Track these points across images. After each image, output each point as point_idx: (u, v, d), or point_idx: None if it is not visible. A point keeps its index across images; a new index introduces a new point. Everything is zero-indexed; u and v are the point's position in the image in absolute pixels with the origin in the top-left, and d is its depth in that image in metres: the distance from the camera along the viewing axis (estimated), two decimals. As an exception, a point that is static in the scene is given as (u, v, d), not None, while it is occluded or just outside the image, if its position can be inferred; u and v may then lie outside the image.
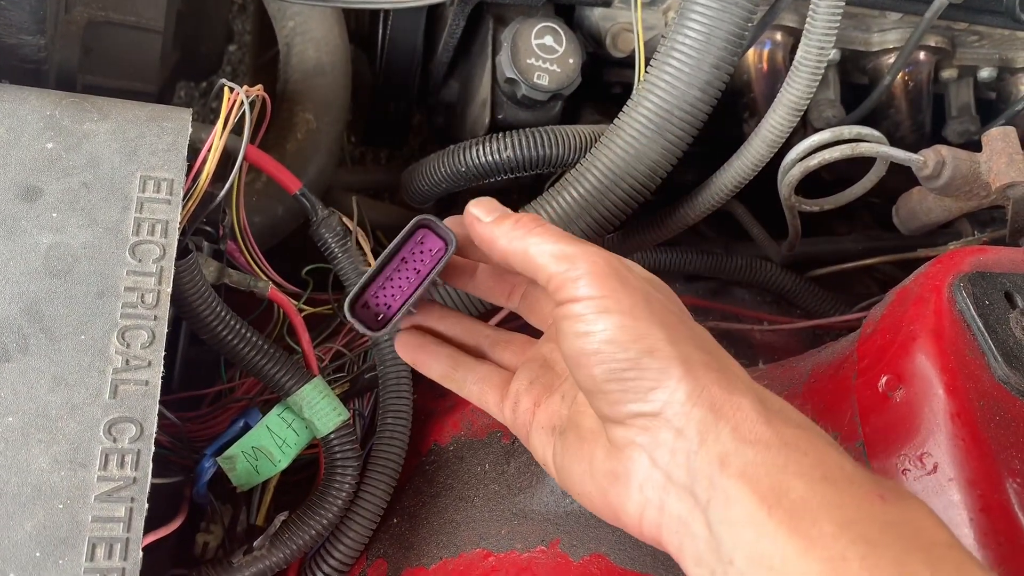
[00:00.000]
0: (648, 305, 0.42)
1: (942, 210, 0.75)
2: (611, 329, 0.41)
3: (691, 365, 0.41)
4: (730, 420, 0.39)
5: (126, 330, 0.47)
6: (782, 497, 0.37)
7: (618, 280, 0.43)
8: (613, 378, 0.41)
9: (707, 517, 0.39)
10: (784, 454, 0.38)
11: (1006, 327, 0.54)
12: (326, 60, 0.76)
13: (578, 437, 0.46)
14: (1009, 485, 0.48)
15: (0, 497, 0.42)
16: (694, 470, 0.39)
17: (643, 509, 0.41)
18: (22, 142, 0.50)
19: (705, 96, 0.67)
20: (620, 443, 0.42)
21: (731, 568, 0.37)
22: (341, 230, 0.65)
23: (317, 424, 0.59)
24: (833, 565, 0.35)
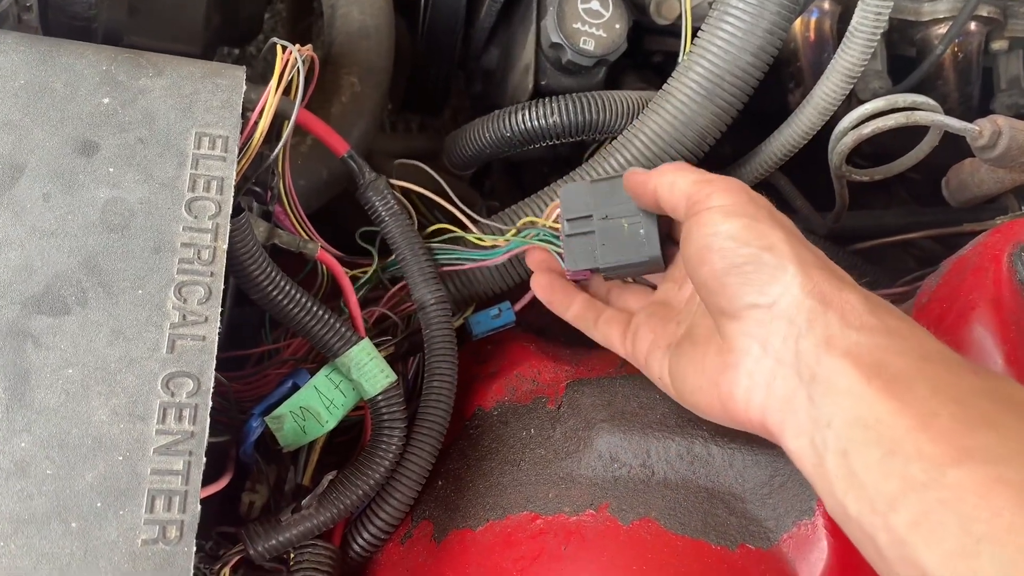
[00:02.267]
0: (771, 214, 0.47)
1: (994, 182, 0.73)
2: (735, 228, 0.46)
3: (805, 263, 0.45)
4: (837, 309, 0.43)
5: (183, 285, 0.47)
6: (882, 371, 0.40)
7: (746, 194, 0.48)
8: (733, 271, 0.45)
9: (809, 391, 0.42)
10: (887, 337, 0.42)
11: (1067, 298, 0.53)
12: (371, 23, 0.75)
13: (692, 344, 0.50)
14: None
15: (62, 447, 0.43)
16: (801, 352, 0.43)
17: (750, 394, 0.45)
18: (79, 96, 0.50)
19: (757, 61, 0.66)
20: (733, 335, 0.46)
21: (828, 431, 0.41)
22: (388, 194, 0.64)
23: (365, 386, 0.59)
24: (923, 420, 0.38)
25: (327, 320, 0.58)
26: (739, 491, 0.52)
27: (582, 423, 0.58)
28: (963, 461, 0.36)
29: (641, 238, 0.57)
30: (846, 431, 0.40)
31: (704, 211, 0.48)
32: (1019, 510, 0.34)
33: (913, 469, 0.37)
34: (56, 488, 0.42)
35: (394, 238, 0.65)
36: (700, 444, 0.54)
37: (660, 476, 0.54)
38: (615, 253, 0.58)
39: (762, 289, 0.45)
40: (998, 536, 0.34)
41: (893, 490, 0.38)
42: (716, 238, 0.46)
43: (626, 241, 0.58)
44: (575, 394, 0.61)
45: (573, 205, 0.60)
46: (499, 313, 0.69)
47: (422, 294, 0.64)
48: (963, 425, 0.37)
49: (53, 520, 0.41)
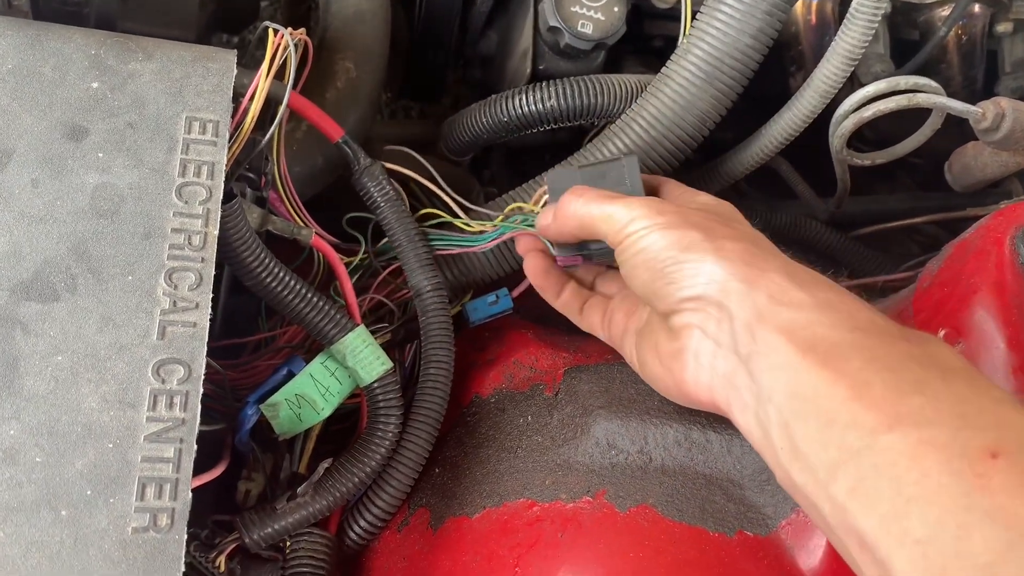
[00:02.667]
0: (683, 217, 0.50)
1: (998, 165, 0.72)
2: (653, 243, 0.49)
3: (724, 252, 0.47)
4: (763, 289, 0.45)
5: (173, 271, 0.47)
6: (816, 344, 0.42)
7: (655, 210, 0.51)
8: (659, 276, 0.49)
9: (748, 368, 0.44)
10: (818, 311, 0.43)
11: (1070, 281, 0.52)
12: (367, 7, 0.74)
13: (649, 331, 0.53)
14: (1072, 442, 0.47)
15: (52, 435, 0.42)
16: (736, 332, 0.45)
17: (698, 375, 0.48)
18: (67, 81, 0.49)
19: (757, 44, 0.65)
20: (676, 327, 0.49)
21: (770, 405, 0.42)
22: (384, 180, 0.64)
23: (360, 373, 0.59)
24: (858, 390, 0.39)
25: (322, 307, 0.58)
26: (737, 478, 0.52)
27: (579, 410, 0.58)
28: (894, 426, 0.37)
29: None
30: (786, 404, 0.41)
31: (623, 240, 0.51)
32: (946, 470, 0.36)
33: (849, 438, 0.38)
34: (46, 476, 0.42)
35: (390, 224, 0.64)
36: (698, 431, 0.54)
37: (658, 463, 0.53)
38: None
39: (687, 284, 0.48)
40: (927, 496, 0.36)
41: (832, 459, 0.39)
42: (638, 256, 0.50)
43: None
44: (573, 380, 0.61)
45: (561, 191, 0.59)
46: (496, 300, 0.69)
47: (418, 280, 0.63)
48: (895, 392, 0.39)
49: (43, 508, 0.41)
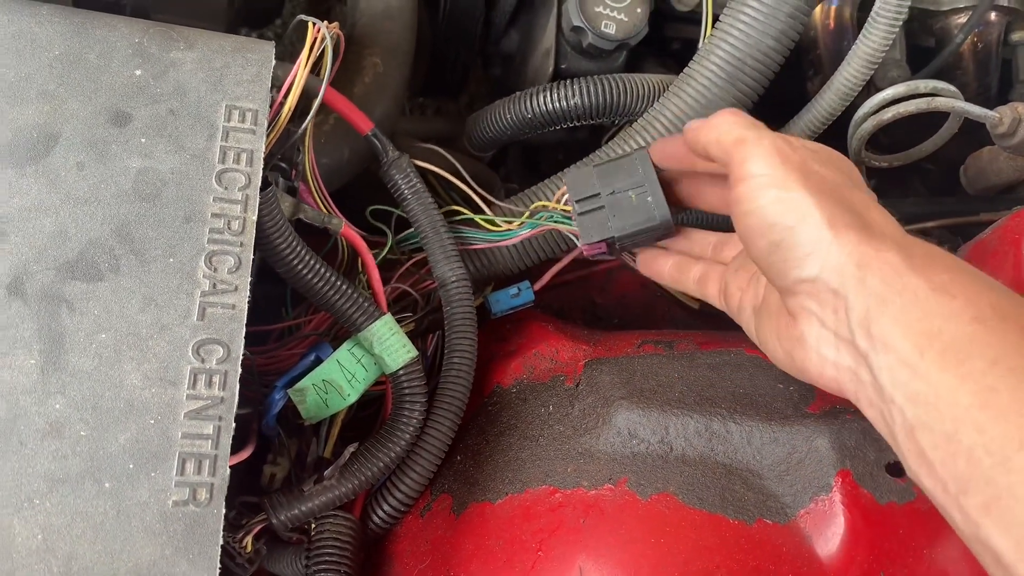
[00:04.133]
0: (804, 177, 0.46)
1: (1013, 170, 0.74)
2: (767, 205, 0.46)
3: (839, 228, 0.44)
4: (877, 272, 0.42)
5: (213, 255, 0.48)
6: (933, 340, 0.40)
7: (778, 156, 0.47)
8: (773, 250, 0.46)
9: (869, 364, 0.42)
10: (934, 299, 0.41)
11: (1086, 282, 0.53)
12: (395, 4, 0.75)
13: (768, 314, 0.51)
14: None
15: (95, 410, 0.43)
16: (853, 325, 0.43)
17: (822, 367, 0.46)
18: (112, 68, 0.50)
19: (779, 46, 0.66)
20: (794, 310, 0.47)
21: (893, 407, 0.41)
22: (411, 172, 0.65)
23: (387, 360, 0.60)
24: (983, 397, 0.38)
25: (351, 295, 0.59)
26: (757, 468, 0.53)
27: (600, 400, 0.59)
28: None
29: (650, 204, 0.58)
30: (909, 407, 0.40)
31: (739, 183, 0.48)
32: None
33: (978, 452, 0.37)
34: (90, 449, 0.43)
35: (416, 216, 0.65)
36: (718, 422, 0.55)
37: (678, 452, 0.55)
38: (627, 220, 0.59)
39: (802, 264, 0.45)
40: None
41: (961, 472, 0.38)
42: (752, 218, 0.47)
43: (636, 208, 0.59)
44: (593, 372, 0.62)
45: (580, 188, 0.61)
46: (518, 292, 0.70)
47: (443, 272, 0.65)
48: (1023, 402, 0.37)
49: (87, 480, 0.42)
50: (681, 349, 0.64)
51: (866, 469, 0.50)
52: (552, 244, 0.69)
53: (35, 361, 0.43)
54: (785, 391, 0.56)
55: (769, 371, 0.57)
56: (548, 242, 0.69)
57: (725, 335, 0.67)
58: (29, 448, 0.42)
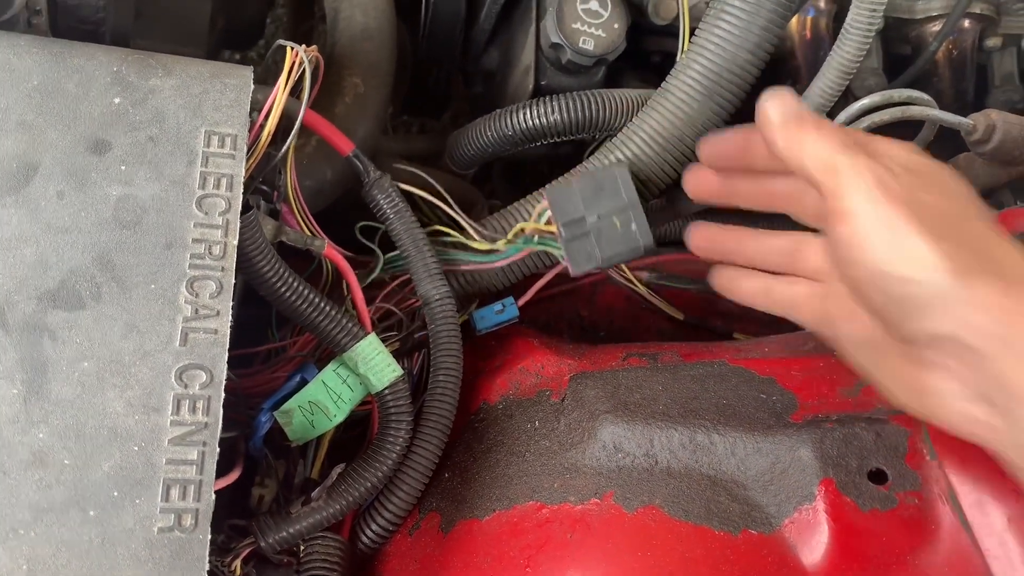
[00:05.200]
0: (914, 214, 0.42)
1: (989, 176, 0.74)
2: (878, 254, 0.42)
3: (969, 277, 0.41)
4: (1016, 326, 0.39)
5: (194, 280, 0.48)
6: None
7: (881, 190, 0.43)
8: (891, 301, 0.43)
9: (1012, 416, 0.40)
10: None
11: (1061, 286, 0.54)
12: (373, 25, 0.76)
13: (883, 353, 0.47)
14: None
15: (79, 439, 0.44)
16: (994, 382, 0.40)
17: (952, 418, 0.43)
18: (91, 96, 0.51)
19: (755, 59, 0.67)
20: (921, 361, 0.44)
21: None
22: (393, 192, 0.66)
23: (372, 380, 0.60)
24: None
25: (334, 316, 0.59)
26: (741, 478, 0.53)
27: (586, 415, 0.59)
28: None
29: (635, 232, 0.62)
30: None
31: (839, 223, 0.44)
32: None
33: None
34: (74, 478, 0.43)
35: (399, 235, 0.66)
36: (702, 433, 0.55)
37: (664, 465, 0.55)
38: (613, 249, 0.62)
39: (929, 319, 0.42)
40: None
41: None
42: (860, 269, 0.43)
43: (622, 236, 0.62)
44: (579, 387, 0.62)
45: (564, 208, 0.63)
46: (503, 308, 0.70)
47: (427, 290, 0.65)
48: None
49: (72, 508, 0.42)
50: (665, 361, 0.64)
51: (848, 477, 0.50)
52: (536, 260, 0.70)
53: (17, 391, 0.44)
54: (768, 401, 0.56)
55: (751, 381, 0.58)
56: (532, 258, 0.70)
57: (709, 346, 0.67)
58: (13, 478, 0.42)
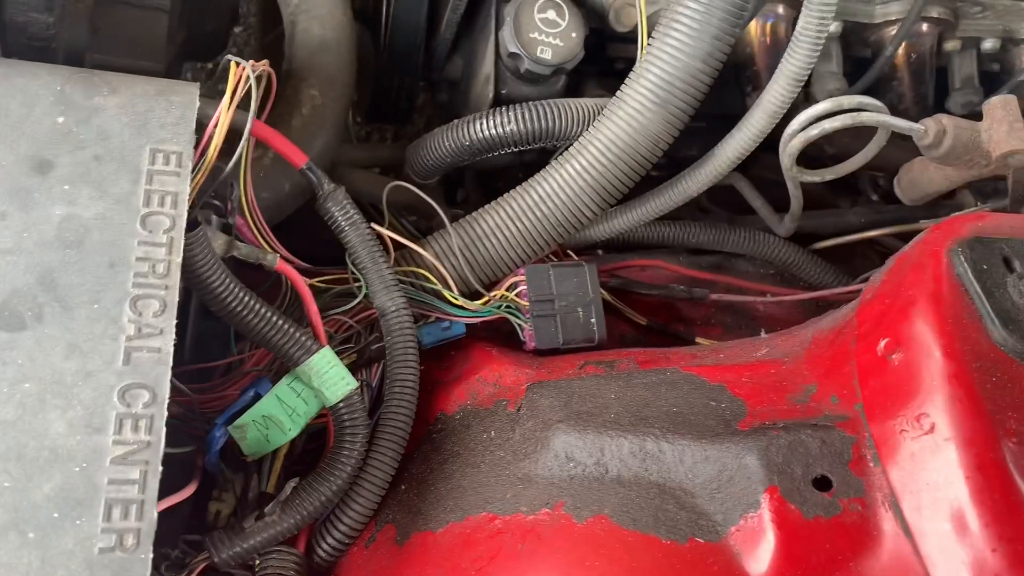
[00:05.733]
0: None
1: (943, 179, 0.75)
2: None
3: None
4: None
5: (138, 299, 0.49)
6: None
7: None
8: None
9: None
10: None
11: (1003, 291, 0.55)
12: (331, 37, 0.76)
13: None
14: (1005, 444, 0.49)
15: (19, 460, 0.44)
16: None
17: None
18: (34, 116, 0.51)
19: (707, 68, 0.68)
20: None
21: None
22: (347, 204, 0.66)
23: (326, 393, 0.60)
24: None
25: (286, 330, 0.59)
26: (689, 486, 0.53)
27: (540, 424, 0.60)
28: None
29: (592, 324, 0.71)
30: None
31: None
32: None
33: None
34: (13, 500, 0.43)
35: (354, 247, 0.66)
36: (652, 442, 0.55)
37: (614, 474, 0.55)
38: (571, 334, 0.70)
39: None
40: None
41: None
42: None
43: (581, 325, 0.71)
44: (534, 396, 0.62)
45: (537, 286, 0.70)
46: (449, 326, 0.71)
47: (383, 301, 0.65)
48: None
49: (10, 531, 0.42)
50: (621, 369, 0.65)
51: (793, 485, 0.51)
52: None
53: (-43, 414, 0.44)
54: (717, 408, 0.56)
55: (702, 388, 0.58)
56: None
57: (666, 352, 0.68)
58: (-49, 502, 0.42)
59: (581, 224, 0.72)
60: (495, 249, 0.71)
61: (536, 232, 0.71)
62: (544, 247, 0.72)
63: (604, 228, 0.78)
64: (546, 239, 0.71)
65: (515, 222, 0.71)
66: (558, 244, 0.74)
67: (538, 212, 0.71)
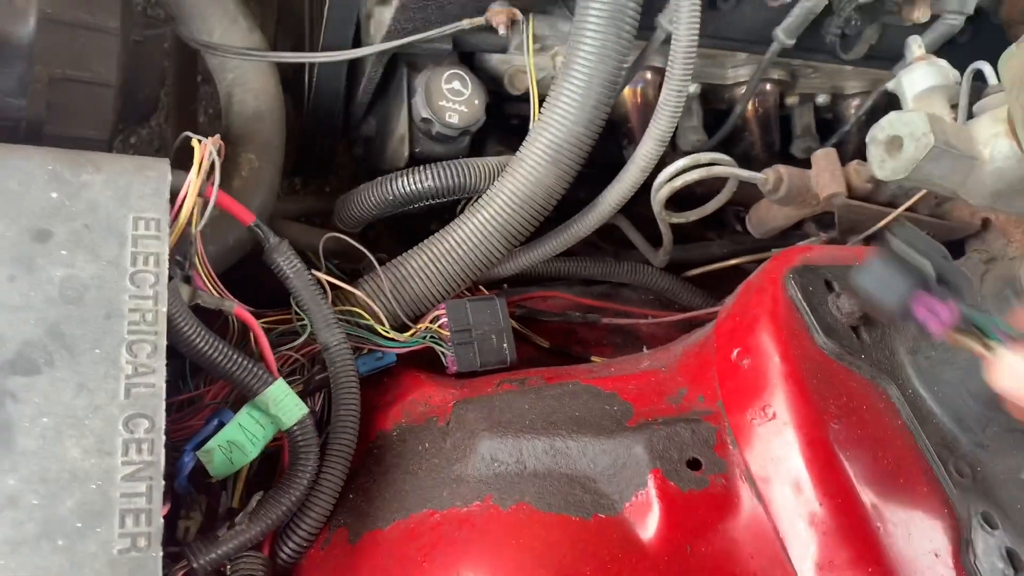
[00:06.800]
0: None
1: (784, 217, 0.91)
2: None
3: None
4: None
5: (133, 344, 0.58)
6: None
7: None
8: None
9: None
10: None
11: (825, 307, 0.70)
12: (264, 107, 0.87)
13: None
14: (829, 425, 0.64)
15: (44, 482, 0.52)
16: None
17: None
18: (31, 193, 0.60)
19: (589, 132, 0.82)
20: None
21: None
22: (291, 255, 0.76)
23: (283, 418, 0.70)
24: None
25: (246, 365, 0.69)
26: (591, 474, 0.66)
27: (467, 434, 0.71)
28: None
29: (505, 348, 0.83)
30: None
31: None
32: None
33: None
34: (43, 515, 0.52)
35: (299, 292, 0.76)
36: (560, 441, 0.68)
37: (531, 469, 0.67)
38: (487, 357, 0.82)
39: None
40: None
41: None
42: None
43: (495, 349, 0.83)
44: (461, 411, 0.74)
45: (457, 318, 0.82)
46: (382, 356, 0.82)
47: (326, 338, 0.76)
48: None
49: (43, 540, 0.51)
50: (532, 384, 0.77)
51: (671, 467, 0.64)
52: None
53: (-12, 446, 0.52)
54: (611, 411, 0.70)
55: (599, 396, 0.72)
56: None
57: (568, 369, 0.81)
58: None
59: (492, 264, 0.84)
60: (419, 288, 0.83)
61: (454, 272, 0.83)
62: (461, 284, 0.84)
63: (510, 266, 0.91)
64: (463, 278, 0.84)
65: (435, 263, 0.83)
66: (472, 281, 0.86)
67: (455, 255, 0.83)
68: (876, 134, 0.70)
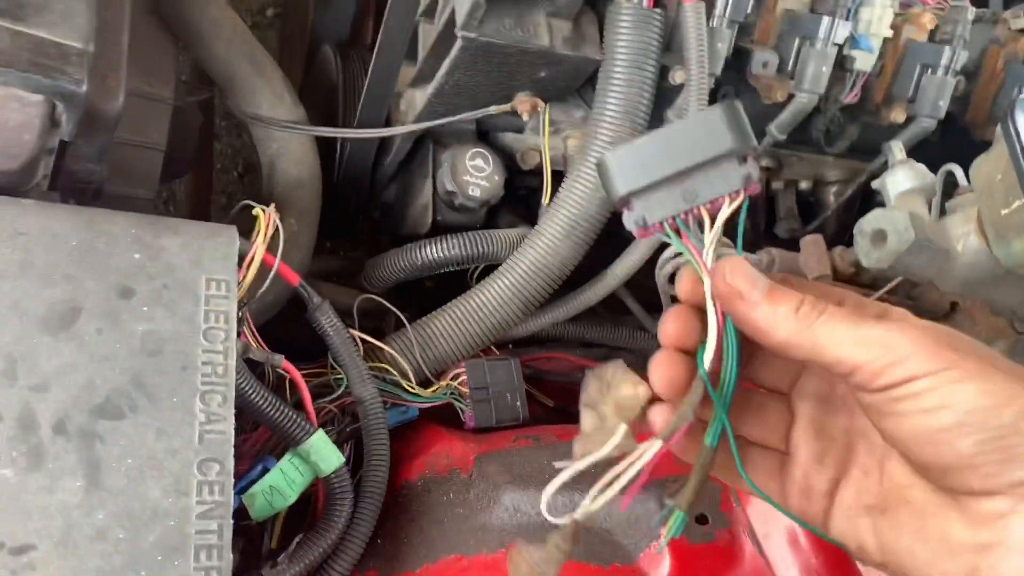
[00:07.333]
0: (995, 363, 0.39)
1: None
2: (972, 397, 0.38)
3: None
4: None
5: (205, 394, 0.64)
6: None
7: (951, 347, 0.40)
8: (987, 448, 0.38)
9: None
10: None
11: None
12: (305, 176, 0.94)
13: (915, 514, 0.42)
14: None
15: (129, 518, 0.58)
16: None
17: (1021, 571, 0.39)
18: (117, 253, 0.66)
19: (602, 211, 0.90)
20: (991, 514, 0.39)
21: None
22: (332, 315, 0.83)
23: (321, 466, 0.76)
24: None
25: (292, 416, 0.75)
26: (608, 526, 0.73)
27: (490, 486, 0.78)
28: None
29: (518, 406, 0.89)
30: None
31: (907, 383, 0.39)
32: None
33: None
34: (128, 548, 0.57)
35: (337, 349, 0.83)
36: (579, 494, 0.74)
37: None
38: (502, 415, 0.89)
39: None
40: None
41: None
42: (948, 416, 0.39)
43: (509, 407, 0.89)
44: (482, 464, 0.81)
45: (476, 376, 0.89)
46: (406, 410, 0.89)
47: (360, 392, 0.82)
48: None
49: (128, 571, 0.56)
50: (546, 440, 0.84)
51: (682, 520, 0.71)
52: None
53: (80, 483, 0.58)
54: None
55: (612, 455, 0.78)
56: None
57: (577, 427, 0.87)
58: (82, 550, 0.56)
59: (510, 326, 0.92)
60: (444, 347, 0.90)
61: (476, 333, 0.90)
62: (481, 345, 0.91)
63: (523, 328, 0.98)
64: (483, 339, 0.91)
65: (460, 325, 0.90)
66: (491, 342, 0.94)
67: (477, 317, 0.90)
68: (864, 227, 0.79)
